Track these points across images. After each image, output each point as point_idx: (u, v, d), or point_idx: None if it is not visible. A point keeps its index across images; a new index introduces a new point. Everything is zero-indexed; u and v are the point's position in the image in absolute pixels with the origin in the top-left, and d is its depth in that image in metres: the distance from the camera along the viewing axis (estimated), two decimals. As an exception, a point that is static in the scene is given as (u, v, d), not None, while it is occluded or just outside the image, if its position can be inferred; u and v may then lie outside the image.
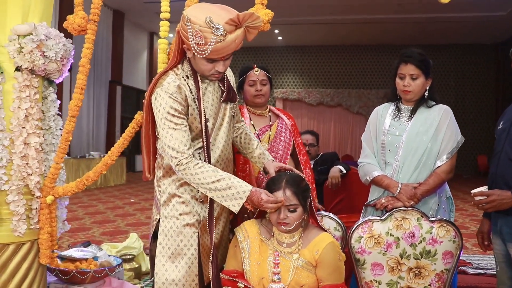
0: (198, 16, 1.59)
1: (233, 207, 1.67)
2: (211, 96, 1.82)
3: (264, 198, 1.67)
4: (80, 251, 2.85)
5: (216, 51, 1.62)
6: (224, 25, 1.57)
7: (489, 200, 1.85)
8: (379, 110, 2.29)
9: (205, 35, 1.58)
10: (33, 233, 2.15)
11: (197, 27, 1.58)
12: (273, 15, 2.05)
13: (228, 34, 1.59)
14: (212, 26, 1.56)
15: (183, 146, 1.69)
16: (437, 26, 13.08)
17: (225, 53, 1.65)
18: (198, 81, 1.78)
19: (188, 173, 1.68)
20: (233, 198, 1.66)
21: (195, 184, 1.71)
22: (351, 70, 16.14)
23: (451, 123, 2.14)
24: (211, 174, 1.67)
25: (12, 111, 2.06)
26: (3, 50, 2.06)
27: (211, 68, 1.72)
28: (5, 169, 2.05)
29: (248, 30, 1.62)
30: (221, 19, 1.58)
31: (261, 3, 2.01)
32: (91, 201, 7.67)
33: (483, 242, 2.11)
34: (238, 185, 1.67)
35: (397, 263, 2.00)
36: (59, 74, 2.22)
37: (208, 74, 1.75)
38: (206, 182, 1.67)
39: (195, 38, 1.60)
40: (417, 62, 2.12)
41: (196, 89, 1.77)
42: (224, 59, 1.70)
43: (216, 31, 1.57)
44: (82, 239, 4.76)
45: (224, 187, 1.66)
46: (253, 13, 1.60)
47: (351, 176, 3.36)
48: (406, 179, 2.10)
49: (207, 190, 1.69)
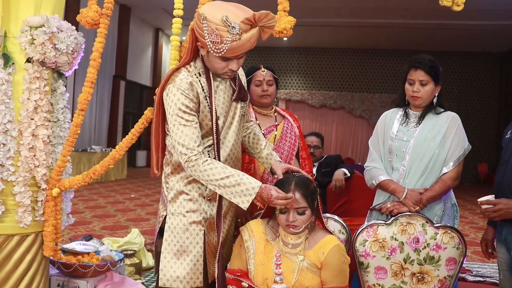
0: (215, 15, 1.59)
1: (242, 204, 1.67)
2: (222, 95, 1.83)
3: (274, 194, 1.67)
4: (82, 244, 2.85)
5: (231, 50, 1.62)
6: (240, 24, 1.58)
7: (496, 209, 1.85)
8: (387, 115, 2.29)
9: (221, 33, 1.59)
10: (38, 225, 2.15)
11: (213, 25, 1.59)
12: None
13: (244, 33, 1.60)
14: (228, 24, 1.57)
15: (193, 142, 1.69)
16: (443, 33, 13.08)
17: (240, 52, 1.66)
18: (211, 79, 1.78)
19: (197, 169, 1.68)
20: (242, 194, 1.66)
21: (204, 181, 1.71)
22: (355, 74, 16.14)
23: (458, 131, 2.14)
24: (220, 171, 1.67)
25: (21, 103, 2.06)
26: (15, 41, 2.06)
27: (225, 66, 1.72)
28: (13, 160, 2.05)
29: (263, 30, 1.63)
30: (237, 18, 1.59)
31: (283, 10, 2.01)
32: (92, 195, 7.67)
33: (487, 250, 2.11)
34: (247, 182, 1.67)
35: (400, 267, 2.00)
36: (69, 67, 2.23)
37: (221, 72, 1.76)
38: (215, 178, 1.67)
39: (211, 36, 1.60)
40: (427, 68, 2.12)
41: (208, 87, 1.77)
42: (238, 58, 1.71)
43: (232, 30, 1.57)
44: (82, 232, 4.77)
45: (233, 184, 1.66)
46: (269, 12, 1.61)
47: (355, 180, 3.37)
48: (412, 185, 2.11)
49: (216, 187, 1.69)
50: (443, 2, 1.87)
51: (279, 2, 2.16)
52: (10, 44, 2.06)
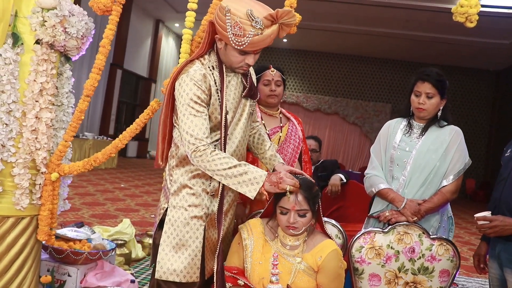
0: (239, 8, 1.61)
1: (249, 193, 1.66)
2: (233, 90, 1.83)
3: (283, 175, 1.70)
4: (73, 231, 2.83)
5: (252, 44, 1.64)
6: (263, 19, 1.61)
7: (492, 225, 1.88)
8: (391, 124, 2.31)
9: (244, 27, 1.61)
10: (34, 208, 2.13)
11: (237, 18, 1.61)
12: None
13: (266, 29, 1.62)
14: (252, 18, 1.60)
15: (202, 133, 1.69)
16: (441, 47, 13.20)
17: (260, 46, 1.68)
18: (223, 73, 1.79)
19: (205, 159, 1.67)
20: (249, 183, 1.66)
21: (211, 171, 1.70)
22: (351, 80, 16.21)
23: (461, 145, 2.17)
24: (227, 161, 1.67)
25: (27, 84, 2.05)
26: (25, 22, 2.04)
27: (241, 60, 1.74)
28: (14, 141, 2.03)
29: (282, 27, 1.65)
30: (260, 13, 1.61)
31: (290, 5, 2.02)
32: (81, 182, 7.61)
33: (478, 265, 2.13)
34: (254, 171, 1.68)
35: (394, 276, 2.02)
36: (77, 51, 2.21)
37: (237, 66, 1.77)
38: (222, 168, 1.67)
39: (234, 29, 1.62)
40: (435, 81, 2.14)
41: (220, 81, 1.78)
42: (255, 53, 1.73)
43: (255, 24, 1.60)
44: (71, 219, 4.73)
45: (240, 173, 1.66)
46: (291, 10, 1.63)
47: (350, 186, 3.39)
48: (412, 195, 2.12)
49: (223, 177, 1.68)
50: (456, 17, 1.89)
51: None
52: (20, 24, 2.04)
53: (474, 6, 1.85)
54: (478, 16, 1.90)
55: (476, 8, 1.85)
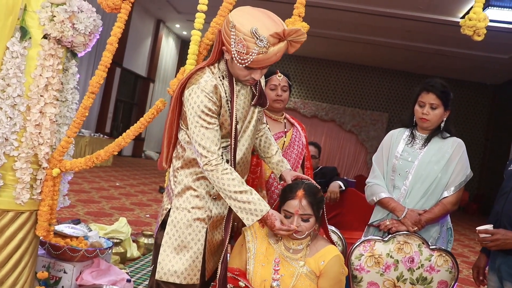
0: (244, 24, 1.56)
1: (246, 221, 1.68)
2: (243, 99, 1.82)
3: (277, 225, 1.70)
4: (70, 228, 2.82)
5: (256, 62, 1.60)
6: (268, 37, 1.55)
7: (493, 238, 1.88)
8: (394, 134, 2.32)
9: (248, 44, 1.55)
10: (34, 203, 2.12)
11: (241, 35, 1.55)
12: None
13: (271, 47, 1.57)
14: (256, 37, 1.54)
15: (214, 146, 1.68)
16: (440, 59, 13.28)
17: (265, 64, 1.63)
18: (233, 84, 1.77)
19: (215, 175, 1.68)
20: (249, 212, 1.67)
21: (217, 187, 1.71)
22: (349, 88, 16.27)
23: (463, 157, 2.18)
24: (236, 184, 1.67)
25: (33, 78, 2.04)
26: (34, 16, 2.03)
27: (247, 74, 1.70)
28: (17, 135, 2.02)
29: (291, 44, 1.61)
30: (267, 30, 1.56)
31: (298, 14, 2.02)
32: (76, 179, 7.56)
33: (478, 277, 2.14)
34: (258, 203, 1.68)
35: (393, 285, 2.02)
36: (84, 48, 2.21)
37: (243, 80, 1.75)
38: (229, 189, 1.67)
39: (237, 46, 1.57)
40: (439, 92, 2.15)
41: (230, 91, 1.76)
42: (261, 68, 1.69)
43: (259, 43, 1.55)
44: (66, 215, 4.70)
45: (244, 200, 1.67)
46: (299, 29, 1.58)
47: (349, 194, 3.40)
48: (413, 205, 2.13)
49: (227, 197, 1.69)
50: (464, 30, 1.90)
51: (295, 7, 2.18)
52: (29, 18, 2.03)
53: (482, 20, 1.86)
54: (486, 30, 1.92)
55: (484, 22, 1.87)
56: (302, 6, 2.18)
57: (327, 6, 10.20)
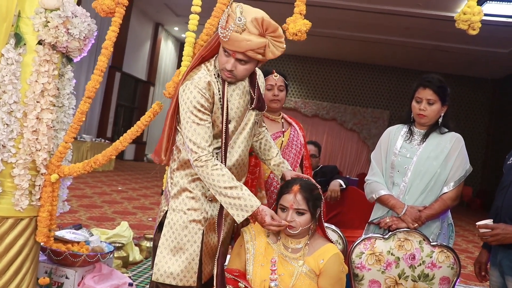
0: (241, 8, 1.64)
1: (236, 217, 1.68)
2: (238, 99, 1.82)
3: (267, 221, 1.69)
4: (72, 233, 2.82)
5: (230, 41, 1.64)
6: (249, 21, 1.61)
7: (493, 233, 1.87)
8: (392, 130, 2.31)
9: (229, 20, 1.62)
10: (33, 209, 2.12)
11: (229, 11, 1.64)
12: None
13: (247, 31, 1.61)
14: (237, 15, 1.61)
15: (204, 142, 1.69)
16: (440, 55, 13.25)
17: (236, 47, 1.65)
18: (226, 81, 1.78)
19: (205, 171, 1.68)
20: (239, 208, 1.67)
21: (207, 184, 1.71)
22: (349, 87, 16.24)
23: (461, 152, 2.17)
24: (225, 179, 1.67)
25: (28, 84, 2.04)
26: (28, 22, 2.04)
27: (225, 61, 1.71)
28: (15, 141, 2.02)
29: (269, 45, 1.65)
30: (251, 16, 1.62)
31: (299, 12, 2.02)
32: (78, 184, 7.58)
33: (480, 273, 2.13)
34: (248, 198, 1.68)
35: (394, 282, 2.01)
36: (79, 53, 2.21)
37: (222, 68, 1.75)
38: (219, 185, 1.67)
39: (222, 19, 1.65)
40: (436, 87, 2.14)
41: (222, 88, 1.77)
42: (235, 57, 1.69)
43: (237, 21, 1.60)
44: (68, 221, 4.70)
45: (234, 196, 1.67)
46: (278, 27, 1.65)
47: (350, 192, 3.38)
48: (412, 202, 2.12)
49: (217, 193, 1.69)
50: (459, 25, 1.90)
51: (296, 5, 2.17)
52: (23, 25, 2.03)
53: (477, 14, 1.85)
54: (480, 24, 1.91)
55: (479, 16, 1.86)
56: (302, 4, 2.16)
57: (326, 5, 10.20)
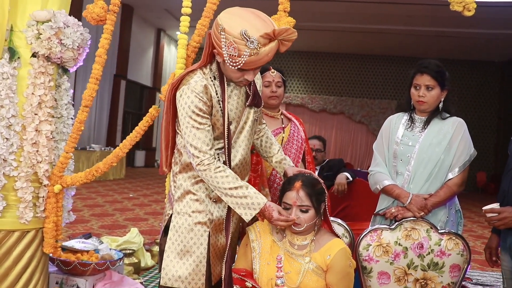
0: (233, 27, 1.54)
1: (245, 216, 1.68)
2: (236, 99, 1.81)
3: (275, 216, 1.69)
4: (81, 242, 2.83)
5: (248, 63, 1.58)
6: (258, 38, 1.53)
7: (501, 217, 1.84)
8: (392, 119, 2.28)
9: (239, 47, 1.54)
10: (39, 221, 2.13)
11: (231, 38, 1.54)
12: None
13: (262, 47, 1.56)
14: (247, 39, 1.53)
15: (205, 146, 1.68)
16: (445, 41, 13.11)
17: (257, 65, 1.62)
18: (224, 84, 1.76)
19: (208, 174, 1.68)
20: (246, 207, 1.67)
21: (212, 186, 1.71)
22: (355, 79, 16.15)
23: (464, 136, 2.13)
24: (230, 180, 1.67)
25: (25, 97, 2.05)
26: (21, 36, 2.05)
27: (240, 76, 1.69)
28: (15, 155, 2.03)
29: (282, 43, 1.59)
30: (256, 31, 1.54)
31: (284, 10, 2.00)
32: (90, 194, 7.64)
33: (490, 258, 2.09)
34: (254, 196, 1.68)
35: (404, 273, 1.99)
36: (74, 62, 2.21)
37: (236, 81, 1.74)
38: (224, 187, 1.67)
39: (228, 49, 1.56)
40: (433, 73, 2.11)
41: (222, 91, 1.75)
42: (254, 69, 1.68)
43: (250, 45, 1.53)
44: (80, 231, 4.74)
45: (240, 195, 1.67)
46: (289, 28, 1.56)
47: (357, 184, 3.36)
48: (417, 190, 2.09)
49: (223, 195, 1.69)
50: (454, 7, 1.86)
51: (280, 2, 2.16)
52: (16, 38, 2.04)
53: (470, -6, 1.82)
54: (475, 4, 1.87)
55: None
56: (287, 1, 2.15)
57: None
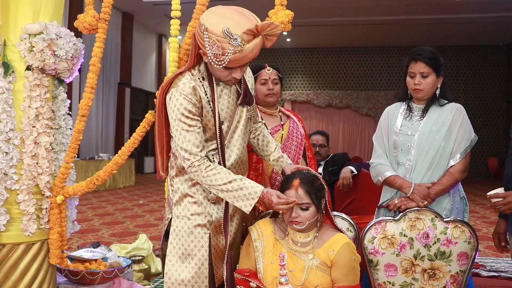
0: (216, 25, 1.54)
1: (245, 208, 1.67)
2: (226, 99, 1.80)
3: (275, 200, 1.67)
4: (89, 251, 2.85)
5: (233, 61, 1.58)
6: (242, 35, 1.53)
7: (506, 201, 1.81)
8: (390, 109, 2.26)
9: (223, 45, 1.54)
10: (43, 233, 2.14)
11: (214, 37, 1.54)
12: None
13: (246, 44, 1.55)
14: (229, 37, 1.52)
15: (195, 148, 1.68)
16: (446, 27, 12.99)
17: (243, 62, 1.62)
18: (213, 84, 1.75)
19: (200, 175, 1.68)
20: (244, 198, 1.66)
21: (207, 186, 1.71)
22: (359, 72, 16.07)
23: (464, 122, 2.10)
24: (222, 176, 1.67)
25: (22, 110, 2.06)
26: (14, 50, 2.06)
27: (228, 74, 1.69)
28: (16, 168, 2.04)
29: (267, 38, 1.58)
30: (239, 28, 1.54)
31: (280, 3, 1.98)
32: (100, 203, 7.69)
33: (499, 243, 2.06)
34: (250, 186, 1.67)
35: (411, 264, 1.97)
36: (69, 73, 2.22)
37: (225, 80, 1.73)
38: (217, 184, 1.67)
39: (212, 48, 1.56)
40: (428, 60, 2.08)
41: (211, 91, 1.75)
42: (241, 67, 1.67)
43: (233, 42, 1.53)
44: (91, 240, 4.77)
45: (235, 188, 1.66)
46: (272, 22, 1.56)
47: (362, 177, 3.33)
48: (419, 179, 2.07)
49: (219, 191, 1.69)
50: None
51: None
52: (10, 53, 2.05)
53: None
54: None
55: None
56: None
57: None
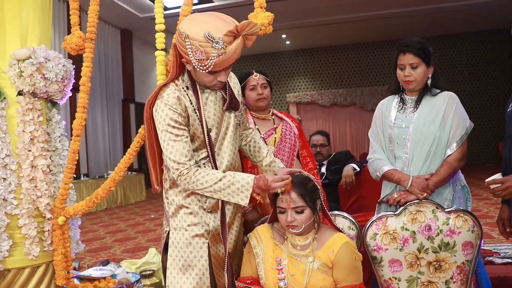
0: (196, 31, 1.55)
1: (242, 201, 1.66)
2: (213, 106, 1.80)
3: (270, 179, 1.66)
4: (98, 270, 2.85)
5: (218, 64, 1.59)
6: (223, 37, 1.54)
7: (504, 187, 1.78)
8: (384, 103, 2.25)
9: (206, 49, 1.55)
10: (47, 255, 2.16)
11: (197, 42, 1.55)
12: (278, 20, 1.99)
13: (228, 46, 1.56)
14: (211, 40, 1.54)
15: (183, 157, 1.68)
16: (445, 16, 12.89)
17: (227, 64, 1.62)
18: (198, 92, 1.76)
19: (190, 181, 1.68)
20: (239, 192, 1.66)
21: (200, 190, 1.70)
22: (362, 68, 16.01)
23: (458, 110, 2.07)
24: (212, 177, 1.67)
25: (17, 135, 2.08)
26: (5, 76, 2.09)
27: (213, 79, 1.70)
28: (15, 193, 2.07)
29: (247, 38, 1.60)
30: (219, 31, 1.55)
31: (260, 6, 1.98)
32: (112, 220, 7.71)
33: (504, 229, 2.03)
34: (240, 179, 1.67)
35: (415, 258, 1.94)
36: (61, 95, 2.24)
37: (211, 85, 1.74)
38: (209, 185, 1.67)
39: (196, 54, 1.57)
40: (416, 50, 2.07)
41: (196, 100, 1.75)
42: (225, 69, 1.68)
43: (216, 45, 1.54)
44: (104, 258, 4.78)
45: (227, 185, 1.66)
46: (251, 21, 1.57)
47: (366, 174, 3.29)
48: (417, 171, 2.04)
49: (213, 193, 1.69)
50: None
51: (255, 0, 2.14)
52: (0, 80, 2.08)
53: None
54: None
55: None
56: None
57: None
